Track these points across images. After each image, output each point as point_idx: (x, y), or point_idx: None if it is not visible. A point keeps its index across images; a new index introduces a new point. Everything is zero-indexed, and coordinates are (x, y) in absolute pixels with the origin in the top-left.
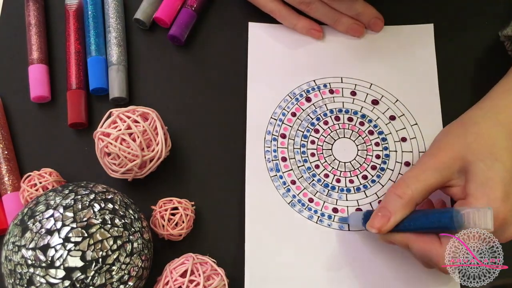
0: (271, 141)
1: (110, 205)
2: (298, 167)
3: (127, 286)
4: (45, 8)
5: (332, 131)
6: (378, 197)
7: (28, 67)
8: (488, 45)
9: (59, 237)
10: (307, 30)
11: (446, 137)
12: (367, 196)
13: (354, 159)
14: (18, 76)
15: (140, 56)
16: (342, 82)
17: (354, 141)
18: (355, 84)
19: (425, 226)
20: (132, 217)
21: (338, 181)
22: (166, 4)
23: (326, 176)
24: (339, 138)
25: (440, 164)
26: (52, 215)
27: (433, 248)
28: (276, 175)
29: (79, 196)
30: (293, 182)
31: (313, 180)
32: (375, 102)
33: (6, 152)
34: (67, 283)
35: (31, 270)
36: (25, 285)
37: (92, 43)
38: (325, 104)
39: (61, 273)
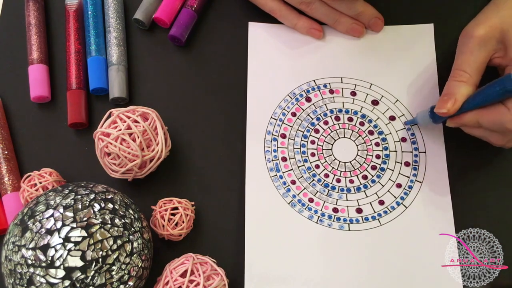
0: (271, 141)
1: (110, 205)
2: (298, 167)
3: (127, 286)
4: (45, 8)
5: (332, 131)
6: (378, 197)
7: (28, 67)
8: None
9: (59, 237)
10: (307, 29)
11: (481, 15)
12: (367, 196)
13: (354, 159)
14: (18, 76)
15: (140, 56)
16: (342, 82)
17: (354, 141)
18: (355, 84)
19: (490, 97)
20: (132, 217)
21: (338, 181)
22: (166, 4)
23: (326, 176)
24: (339, 138)
25: (481, 40)
26: (52, 215)
27: (502, 114)
28: (276, 175)
29: (79, 196)
30: (293, 182)
31: (313, 180)
32: (375, 102)
33: (6, 152)
34: (67, 283)
35: (31, 270)
36: (25, 285)
37: (92, 43)
38: (325, 104)
39: (61, 273)
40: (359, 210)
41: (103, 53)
